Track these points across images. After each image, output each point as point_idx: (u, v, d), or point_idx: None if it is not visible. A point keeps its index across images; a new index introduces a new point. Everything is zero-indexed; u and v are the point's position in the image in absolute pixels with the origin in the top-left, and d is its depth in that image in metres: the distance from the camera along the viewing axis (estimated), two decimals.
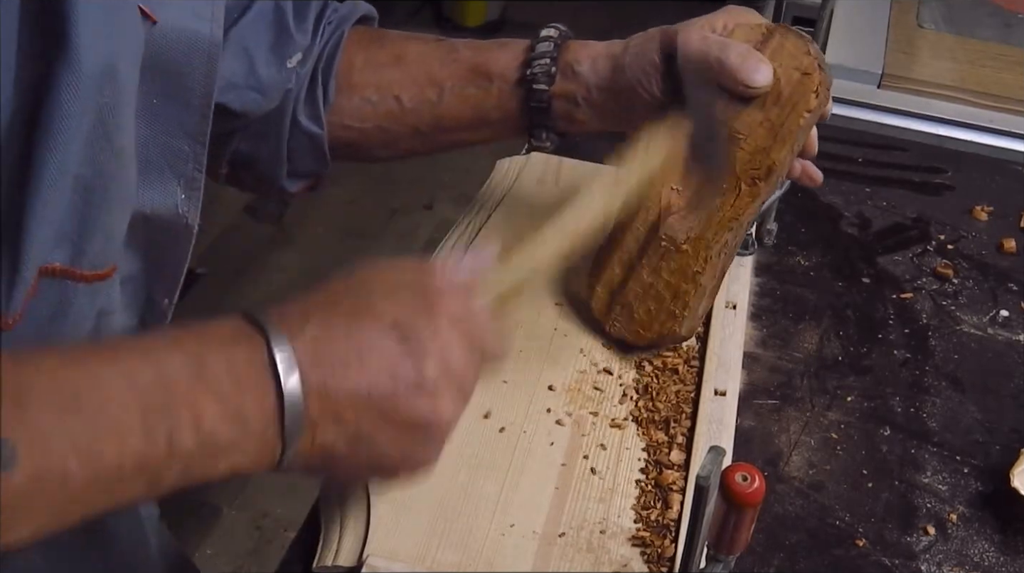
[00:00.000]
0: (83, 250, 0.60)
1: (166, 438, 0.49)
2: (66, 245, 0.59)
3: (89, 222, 0.60)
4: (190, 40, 0.66)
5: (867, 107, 1.31)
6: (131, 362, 0.50)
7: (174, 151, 0.69)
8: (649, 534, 0.75)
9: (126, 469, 0.48)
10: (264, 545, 2.00)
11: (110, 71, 0.57)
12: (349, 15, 0.90)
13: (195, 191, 0.71)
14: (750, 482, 0.56)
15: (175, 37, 0.65)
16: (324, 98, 0.87)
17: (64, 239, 0.59)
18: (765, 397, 0.89)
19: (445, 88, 0.87)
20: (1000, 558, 0.77)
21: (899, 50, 1.37)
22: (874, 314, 0.98)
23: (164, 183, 0.69)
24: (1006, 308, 1.00)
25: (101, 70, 0.56)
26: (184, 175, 0.70)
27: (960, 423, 0.88)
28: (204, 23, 0.67)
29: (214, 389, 0.51)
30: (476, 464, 0.79)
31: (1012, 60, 1.36)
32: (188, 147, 0.69)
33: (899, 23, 1.43)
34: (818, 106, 0.79)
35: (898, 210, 1.12)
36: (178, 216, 0.70)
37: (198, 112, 0.69)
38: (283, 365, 0.53)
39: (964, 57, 1.36)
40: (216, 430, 0.51)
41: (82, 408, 0.47)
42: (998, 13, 1.47)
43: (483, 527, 0.75)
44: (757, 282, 1.00)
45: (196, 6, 0.67)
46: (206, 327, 0.55)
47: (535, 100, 0.85)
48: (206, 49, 0.68)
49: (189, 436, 0.50)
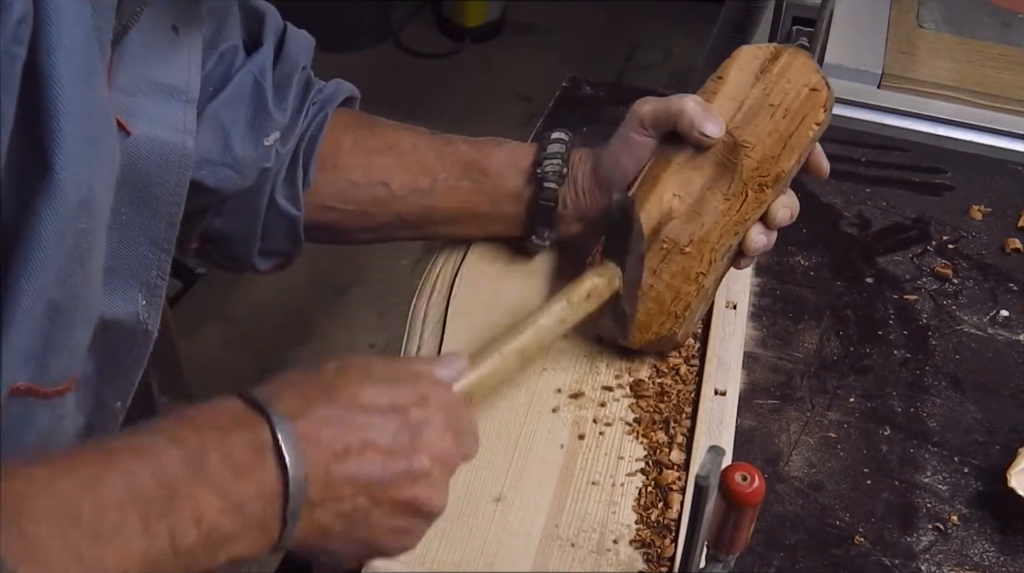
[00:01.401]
0: (47, 367, 0.60)
1: (168, 537, 0.49)
2: (31, 364, 0.59)
3: (54, 341, 0.60)
4: (162, 151, 0.67)
5: (867, 107, 1.31)
6: (127, 464, 0.49)
7: (138, 259, 0.69)
8: (649, 534, 0.75)
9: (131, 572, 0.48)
10: None
11: (89, 199, 0.57)
12: (334, 96, 0.89)
13: (156, 298, 0.71)
14: (750, 482, 0.56)
15: (147, 148, 0.66)
16: (304, 179, 0.86)
17: (30, 359, 0.59)
18: (765, 397, 0.89)
19: (438, 179, 0.87)
20: (1000, 558, 0.77)
21: (899, 50, 1.37)
22: (874, 314, 0.98)
23: (126, 290, 0.69)
24: (1006, 308, 1.00)
25: (81, 199, 0.56)
26: (147, 282, 0.70)
27: (960, 423, 0.88)
28: (177, 134, 0.68)
29: (214, 482, 0.51)
30: (476, 464, 0.79)
31: (1012, 60, 1.36)
32: (152, 254, 0.69)
33: (899, 23, 1.43)
34: (825, 120, 0.84)
35: (898, 210, 1.12)
36: (138, 322, 0.71)
37: (164, 221, 0.69)
38: (287, 446, 0.53)
39: (964, 57, 1.36)
40: (217, 524, 0.51)
41: (80, 519, 0.46)
42: (998, 13, 1.47)
43: (483, 527, 0.75)
44: (757, 282, 1.00)
45: (169, 116, 0.67)
46: (202, 413, 0.54)
47: (544, 198, 0.86)
48: (178, 160, 0.68)
49: (191, 533, 0.50)
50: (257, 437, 0.53)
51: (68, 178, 0.55)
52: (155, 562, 0.49)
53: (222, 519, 0.51)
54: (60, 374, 0.62)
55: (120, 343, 0.70)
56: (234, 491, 0.51)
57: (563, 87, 1.25)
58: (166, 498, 0.49)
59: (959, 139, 1.28)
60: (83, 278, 0.60)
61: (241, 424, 0.54)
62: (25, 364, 0.59)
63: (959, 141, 1.27)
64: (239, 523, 0.52)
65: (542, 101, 1.28)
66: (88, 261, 0.60)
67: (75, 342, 0.63)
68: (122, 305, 0.69)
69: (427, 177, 0.87)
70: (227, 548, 0.52)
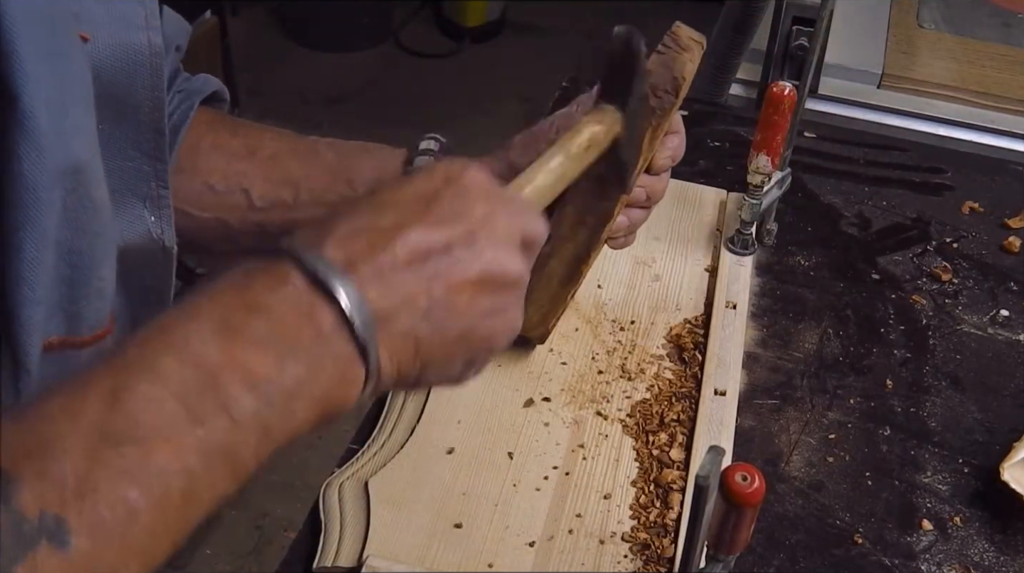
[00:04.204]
0: (79, 316, 0.57)
1: (223, 413, 0.43)
2: (59, 315, 0.56)
3: (80, 286, 0.56)
4: (127, 54, 0.61)
5: (867, 107, 1.31)
6: (146, 358, 0.44)
7: (133, 174, 0.64)
8: (649, 534, 0.75)
9: (196, 468, 0.43)
10: (264, 545, 2.00)
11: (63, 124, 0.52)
12: (201, 89, 0.80)
13: (164, 210, 0.67)
14: (750, 482, 0.56)
15: (111, 54, 0.60)
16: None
17: (56, 310, 0.56)
18: (765, 397, 0.89)
19: (301, 191, 0.79)
20: (1000, 558, 0.77)
21: (899, 50, 1.37)
22: (874, 314, 0.98)
23: (130, 210, 0.65)
24: (1006, 308, 0.99)
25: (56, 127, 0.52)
26: (150, 197, 0.66)
27: (960, 423, 0.88)
28: (139, 32, 0.62)
29: (248, 340, 0.45)
30: (476, 465, 0.79)
31: (1012, 60, 1.36)
32: (147, 166, 0.65)
33: (899, 23, 1.43)
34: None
35: (898, 210, 1.12)
36: (152, 241, 0.67)
37: (150, 128, 0.64)
38: (317, 266, 0.47)
39: (964, 57, 1.36)
40: (276, 379, 0.45)
41: (114, 433, 0.41)
42: (998, 13, 1.47)
43: (483, 527, 0.75)
44: (757, 282, 1.00)
45: (127, 14, 0.61)
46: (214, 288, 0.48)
47: None
48: (147, 60, 0.62)
49: (247, 399, 0.44)
50: (282, 275, 0.47)
51: (37, 105, 0.50)
52: (221, 444, 0.44)
53: (280, 372, 0.45)
54: (95, 319, 0.58)
55: (142, 268, 0.66)
56: (278, 335, 0.46)
57: (563, 87, 1.25)
58: (203, 375, 0.44)
59: (959, 139, 1.28)
60: (92, 212, 0.56)
61: (254, 271, 0.48)
62: (52, 317, 0.55)
63: (959, 141, 1.27)
64: (303, 368, 0.46)
65: (542, 101, 1.28)
66: (92, 191, 0.55)
67: (102, 282, 0.58)
68: (130, 226, 0.64)
69: (289, 188, 0.79)
70: (303, 396, 0.46)
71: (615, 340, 0.91)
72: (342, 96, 3.06)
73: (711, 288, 0.97)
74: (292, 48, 3.24)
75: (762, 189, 0.96)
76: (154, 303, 0.68)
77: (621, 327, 0.92)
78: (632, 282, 0.97)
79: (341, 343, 0.47)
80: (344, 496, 0.76)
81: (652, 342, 0.91)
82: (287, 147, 0.81)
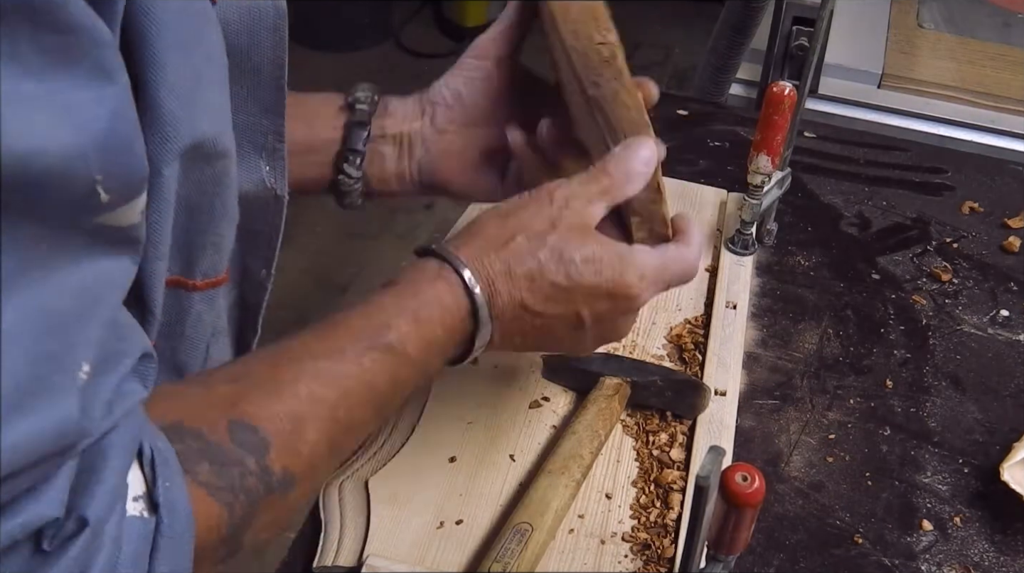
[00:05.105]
0: (193, 263, 0.61)
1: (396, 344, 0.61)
2: (177, 258, 0.60)
3: (195, 236, 0.60)
4: (252, 17, 0.63)
5: (867, 107, 1.31)
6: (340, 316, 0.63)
7: (252, 128, 0.67)
8: (649, 534, 0.75)
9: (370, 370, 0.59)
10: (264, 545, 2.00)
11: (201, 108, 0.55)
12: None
13: (279, 162, 0.69)
14: (750, 482, 0.56)
15: (236, 16, 0.62)
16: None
17: (174, 252, 0.59)
18: (765, 397, 0.89)
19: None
20: (1000, 558, 0.77)
21: (899, 50, 1.37)
22: (874, 314, 0.98)
23: (247, 161, 0.67)
24: (1006, 308, 1.00)
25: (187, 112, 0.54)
26: (266, 148, 0.68)
27: (960, 423, 0.88)
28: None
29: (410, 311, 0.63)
30: (476, 464, 0.79)
31: (1012, 60, 1.36)
32: (267, 121, 0.67)
33: (899, 23, 1.43)
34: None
35: (898, 210, 1.12)
36: (266, 189, 0.69)
37: (271, 85, 0.66)
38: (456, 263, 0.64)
39: (964, 57, 1.36)
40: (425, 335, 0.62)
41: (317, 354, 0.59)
42: (998, 13, 1.47)
43: (483, 527, 0.75)
44: (757, 282, 1.00)
45: None
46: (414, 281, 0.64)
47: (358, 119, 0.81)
48: (271, 21, 0.64)
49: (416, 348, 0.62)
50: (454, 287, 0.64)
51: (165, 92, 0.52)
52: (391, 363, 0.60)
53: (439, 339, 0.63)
54: (209, 267, 0.63)
55: (254, 212, 0.69)
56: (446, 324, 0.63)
57: None
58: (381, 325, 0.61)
59: (959, 139, 1.28)
60: (214, 177, 0.59)
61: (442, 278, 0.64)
62: (171, 258, 0.59)
63: (959, 141, 1.28)
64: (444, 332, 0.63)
65: None
66: (217, 160, 0.58)
67: (218, 237, 0.62)
68: (247, 176, 0.67)
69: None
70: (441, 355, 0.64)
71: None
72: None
73: (711, 288, 0.97)
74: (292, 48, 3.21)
75: (762, 189, 0.97)
76: (263, 247, 0.73)
77: None
78: None
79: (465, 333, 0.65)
80: (344, 496, 0.76)
81: (653, 342, 0.91)
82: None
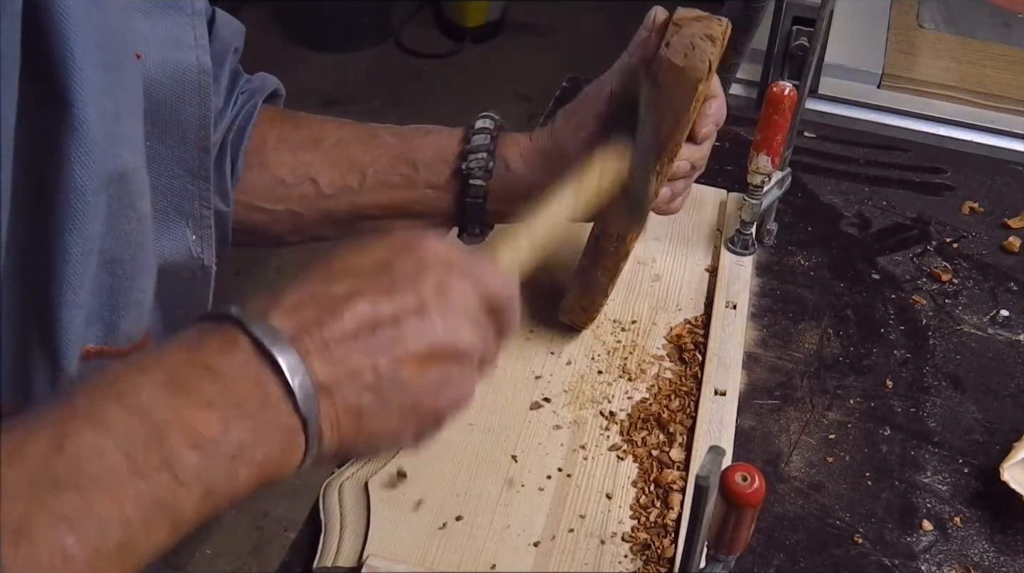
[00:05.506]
0: (117, 325, 0.58)
1: (165, 469, 0.44)
2: (98, 324, 0.57)
3: (119, 296, 0.57)
4: (177, 73, 0.63)
5: (867, 107, 1.31)
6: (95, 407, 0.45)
7: (177, 192, 0.65)
8: (649, 534, 0.75)
9: (134, 520, 0.43)
10: (264, 545, 2.00)
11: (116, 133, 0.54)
12: (261, 87, 0.83)
13: (206, 229, 0.68)
14: (750, 482, 0.56)
15: (160, 72, 0.62)
16: (232, 170, 0.79)
17: (95, 318, 0.56)
18: (765, 397, 0.89)
19: (367, 174, 0.81)
20: (1000, 558, 0.77)
21: (899, 50, 1.37)
22: (874, 314, 0.98)
23: (172, 227, 0.66)
24: (1006, 308, 0.99)
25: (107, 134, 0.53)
26: (191, 215, 0.66)
27: (960, 423, 0.88)
28: (189, 51, 0.64)
29: (197, 399, 0.46)
30: (476, 464, 0.79)
31: (1012, 60, 1.36)
32: (191, 185, 0.66)
33: (899, 23, 1.43)
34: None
35: (898, 210, 1.12)
36: (192, 259, 0.67)
37: (195, 146, 0.65)
38: (263, 335, 0.48)
39: (964, 57, 1.36)
40: (220, 439, 0.46)
41: (56, 479, 0.42)
42: (998, 13, 1.47)
43: (483, 527, 0.75)
44: (757, 282, 1.00)
45: (177, 33, 0.63)
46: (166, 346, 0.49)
47: (471, 195, 0.81)
48: (195, 79, 0.64)
49: (189, 455, 0.45)
50: (229, 340, 0.48)
51: (90, 112, 0.51)
52: (160, 499, 0.44)
53: (225, 434, 0.46)
54: (133, 330, 0.59)
55: (181, 285, 0.67)
56: (224, 397, 0.46)
57: (563, 87, 1.25)
58: (149, 430, 0.44)
59: (959, 139, 1.28)
60: (136, 222, 0.57)
61: (207, 332, 0.49)
62: (91, 324, 0.56)
63: (959, 141, 1.28)
64: (247, 433, 0.47)
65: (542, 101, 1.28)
66: (137, 201, 0.56)
67: (141, 293, 0.59)
68: (171, 245, 0.65)
69: (355, 173, 0.82)
70: (244, 458, 0.47)
71: (615, 340, 0.91)
72: (342, 96, 3.06)
73: (711, 288, 0.97)
74: (292, 48, 3.24)
75: (762, 189, 0.97)
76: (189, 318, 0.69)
77: (622, 327, 0.92)
78: (632, 282, 0.97)
79: (285, 412, 0.48)
80: (344, 496, 0.76)
81: (653, 342, 0.91)
82: (350, 134, 0.84)
